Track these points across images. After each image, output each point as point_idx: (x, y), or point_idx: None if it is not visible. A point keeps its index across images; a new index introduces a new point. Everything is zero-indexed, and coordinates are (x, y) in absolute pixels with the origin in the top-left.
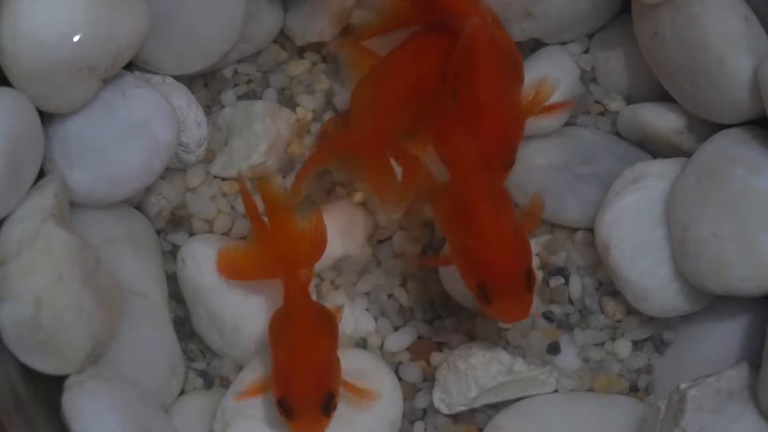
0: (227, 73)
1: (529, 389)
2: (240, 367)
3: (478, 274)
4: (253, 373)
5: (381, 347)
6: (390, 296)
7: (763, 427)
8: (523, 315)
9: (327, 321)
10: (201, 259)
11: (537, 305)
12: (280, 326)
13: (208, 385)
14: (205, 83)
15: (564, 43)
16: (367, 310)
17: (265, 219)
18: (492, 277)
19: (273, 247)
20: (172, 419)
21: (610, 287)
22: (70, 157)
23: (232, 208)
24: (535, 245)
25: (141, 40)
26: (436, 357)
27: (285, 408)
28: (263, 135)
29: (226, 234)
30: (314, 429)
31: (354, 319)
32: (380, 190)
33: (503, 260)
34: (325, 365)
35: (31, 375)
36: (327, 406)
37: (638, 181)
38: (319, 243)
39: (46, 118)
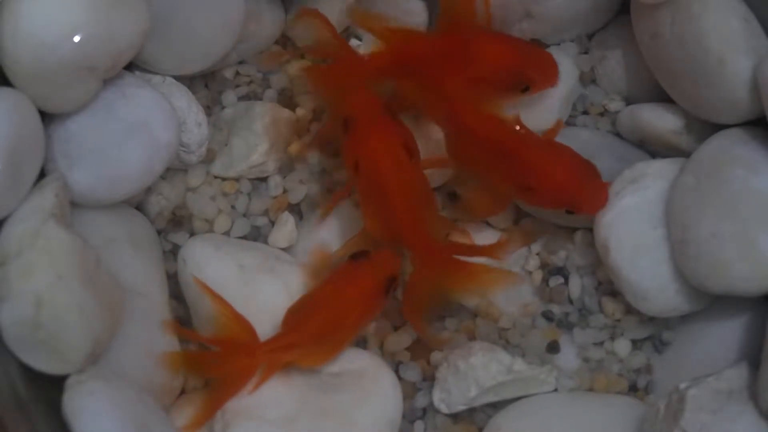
0: (228, 73)
1: (528, 388)
2: None
3: None
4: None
5: (381, 347)
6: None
7: (763, 427)
8: None
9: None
10: (201, 259)
11: (537, 305)
12: None
13: (208, 384)
14: (205, 84)
15: (564, 44)
16: None
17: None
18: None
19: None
20: (172, 419)
21: (609, 287)
22: (71, 157)
23: (233, 207)
24: (535, 245)
25: (141, 40)
26: (436, 356)
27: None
28: (263, 135)
29: (227, 233)
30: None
31: None
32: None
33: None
34: None
35: (31, 375)
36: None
37: (638, 182)
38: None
39: (46, 118)
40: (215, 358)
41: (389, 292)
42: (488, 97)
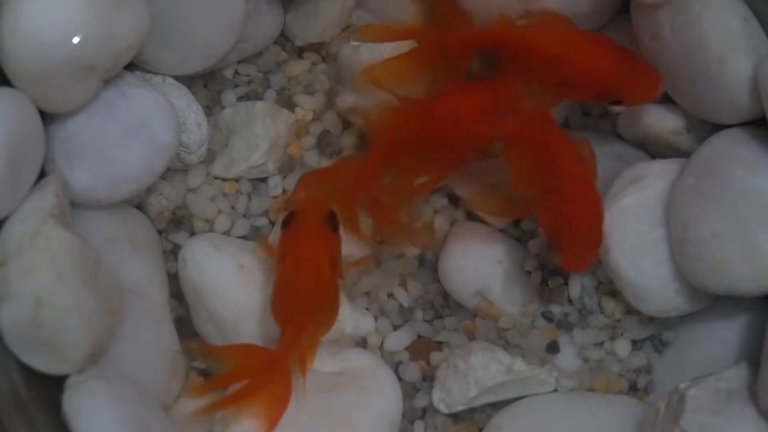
0: (227, 73)
1: (528, 389)
2: None
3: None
4: None
5: (381, 347)
6: (390, 296)
7: (763, 427)
8: None
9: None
10: (202, 259)
11: (536, 305)
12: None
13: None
14: (205, 84)
15: None
16: (367, 309)
17: None
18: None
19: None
20: (172, 419)
21: (609, 287)
22: (71, 157)
23: (233, 208)
24: (535, 245)
25: (141, 40)
26: (435, 356)
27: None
28: (263, 135)
29: (227, 233)
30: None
31: (354, 318)
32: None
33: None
34: None
35: (31, 375)
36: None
37: (638, 182)
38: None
39: (46, 118)
40: (251, 388)
41: (336, 226)
42: (560, 98)
